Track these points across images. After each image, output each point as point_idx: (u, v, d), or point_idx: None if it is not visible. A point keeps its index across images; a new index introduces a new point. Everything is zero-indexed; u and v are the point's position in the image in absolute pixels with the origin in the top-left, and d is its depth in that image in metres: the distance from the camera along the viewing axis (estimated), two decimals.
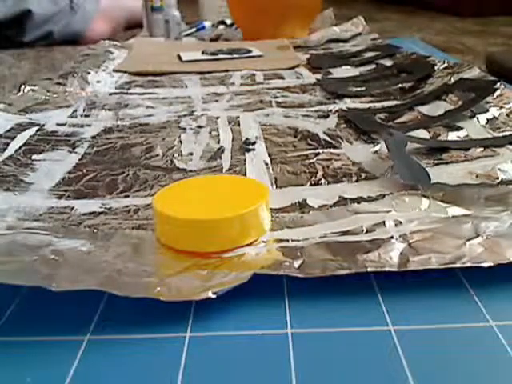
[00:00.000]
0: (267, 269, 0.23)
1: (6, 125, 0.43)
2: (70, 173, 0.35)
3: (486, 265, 0.22)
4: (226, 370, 0.19)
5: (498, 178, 0.31)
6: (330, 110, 0.46)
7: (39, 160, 0.36)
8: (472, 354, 0.19)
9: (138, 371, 0.19)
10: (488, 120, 0.41)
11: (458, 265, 0.23)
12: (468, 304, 0.22)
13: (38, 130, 0.42)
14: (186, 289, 0.22)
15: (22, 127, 0.43)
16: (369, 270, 0.22)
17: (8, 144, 0.39)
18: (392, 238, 0.24)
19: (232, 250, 0.24)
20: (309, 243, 0.25)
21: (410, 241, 0.24)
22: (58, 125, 0.44)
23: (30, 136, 0.41)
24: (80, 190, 0.32)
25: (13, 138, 0.40)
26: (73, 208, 0.30)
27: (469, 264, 0.22)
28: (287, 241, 0.25)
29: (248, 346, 0.20)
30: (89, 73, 0.59)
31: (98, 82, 0.58)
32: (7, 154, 0.37)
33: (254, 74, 0.61)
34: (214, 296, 0.21)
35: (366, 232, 0.25)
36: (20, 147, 0.39)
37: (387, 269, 0.23)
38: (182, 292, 0.21)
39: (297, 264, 0.23)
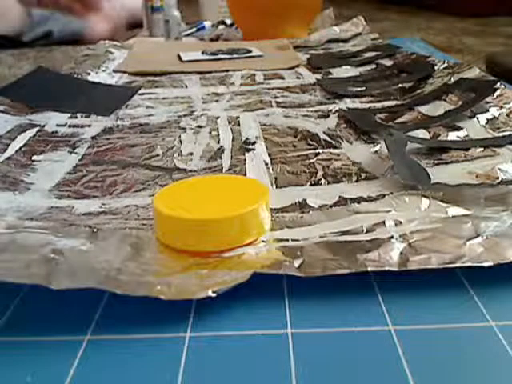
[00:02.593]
0: (267, 268, 0.23)
1: (6, 126, 0.43)
2: (70, 173, 0.35)
3: (486, 264, 0.22)
4: (225, 370, 0.19)
5: (497, 178, 0.31)
6: (330, 110, 0.46)
7: (39, 161, 0.36)
8: (472, 353, 0.19)
9: (138, 371, 0.19)
10: (488, 120, 0.41)
11: (458, 264, 0.23)
12: (468, 304, 0.22)
13: (38, 131, 0.42)
14: (186, 288, 0.22)
15: (22, 128, 0.43)
16: (369, 269, 0.22)
17: (8, 145, 0.39)
18: (392, 237, 0.24)
19: (232, 250, 0.24)
20: (309, 243, 0.25)
21: (410, 241, 0.24)
22: (58, 125, 0.44)
23: (31, 137, 0.41)
24: (80, 191, 0.32)
25: (13, 139, 0.40)
26: (73, 208, 0.30)
27: (469, 264, 0.22)
28: (287, 240, 0.25)
29: (248, 345, 0.20)
30: (89, 73, 0.59)
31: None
32: (7, 154, 0.37)
33: (254, 74, 0.61)
34: (214, 295, 0.21)
35: (366, 232, 0.25)
36: (20, 148, 0.39)
37: (387, 268, 0.23)
38: (181, 291, 0.21)
39: (297, 263, 0.23)
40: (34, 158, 0.37)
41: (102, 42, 0.79)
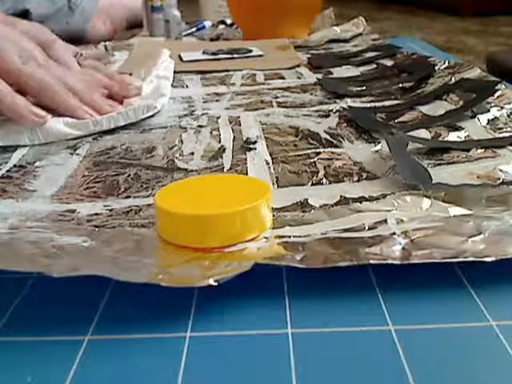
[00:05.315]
0: (269, 260, 0.23)
1: None
2: (71, 176, 0.34)
3: (488, 259, 0.22)
4: (226, 370, 0.19)
5: (498, 179, 0.31)
6: (331, 110, 0.46)
7: (42, 166, 0.36)
8: (472, 354, 0.19)
9: (138, 371, 0.19)
10: (489, 120, 0.40)
11: (460, 259, 0.22)
12: (468, 304, 0.22)
13: None
14: (187, 276, 0.22)
15: None
16: (371, 262, 0.22)
17: (12, 153, 0.39)
18: (394, 234, 0.25)
19: (233, 246, 0.24)
20: (310, 239, 0.25)
21: (412, 237, 0.24)
22: None
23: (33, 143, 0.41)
24: (82, 193, 0.32)
25: (16, 148, 0.40)
26: (75, 211, 0.29)
27: (471, 259, 0.22)
28: (289, 237, 0.25)
29: (248, 345, 0.20)
30: None
31: None
32: (11, 163, 0.37)
33: (254, 74, 0.61)
34: (216, 284, 0.21)
35: (368, 229, 0.25)
36: (23, 156, 0.38)
37: (389, 261, 0.23)
38: (182, 279, 0.21)
39: (298, 257, 0.23)
40: (36, 164, 0.37)
41: (102, 43, 0.78)
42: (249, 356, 0.20)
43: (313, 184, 0.32)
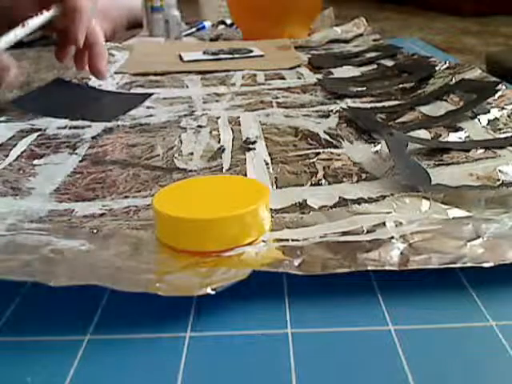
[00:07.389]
0: (267, 267, 0.23)
1: (8, 133, 0.42)
2: (70, 175, 0.34)
3: (486, 265, 0.22)
4: (225, 370, 0.19)
5: (498, 180, 0.31)
6: (331, 110, 0.46)
7: (40, 165, 0.36)
8: (472, 353, 0.19)
9: (137, 371, 0.19)
10: (489, 121, 0.40)
11: (458, 265, 0.22)
12: (468, 304, 0.22)
13: (39, 135, 0.42)
14: (184, 285, 0.22)
15: (23, 133, 0.42)
16: (369, 268, 0.22)
17: (10, 150, 0.39)
18: (392, 238, 0.24)
19: (231, 250, 0.24)
20: (309, 243, 0.25)
21: (411, 241, 0.24)
22: (59, 128, 0.44)
23: (32, 141, 0.41)
24: (80, 193, 0.32)
25: (14, 145, 0.40)
26: (73, 210, 0.29)
27: (469, 264, 0.22)
28: (287, 240, 0.25)
29: (248, 345, 0.20)
30: (90, 79, 0.58)
31: (100, 85, 0.58)
32: (9, 160, 0.37)
33: (254, 75, 0.61)
34: (213, 292, 0.21)
35: (367, 232, 0.25)
36: (21, 153, 0.38)
37: (387, 267, 0.22)
38: (180, 288, 0.21)
39: (297, 262, 0.23)
40: (34, 162, 0.36)
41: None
42: (248, 356, 0.20)
43: (312, 184, 0.32)
